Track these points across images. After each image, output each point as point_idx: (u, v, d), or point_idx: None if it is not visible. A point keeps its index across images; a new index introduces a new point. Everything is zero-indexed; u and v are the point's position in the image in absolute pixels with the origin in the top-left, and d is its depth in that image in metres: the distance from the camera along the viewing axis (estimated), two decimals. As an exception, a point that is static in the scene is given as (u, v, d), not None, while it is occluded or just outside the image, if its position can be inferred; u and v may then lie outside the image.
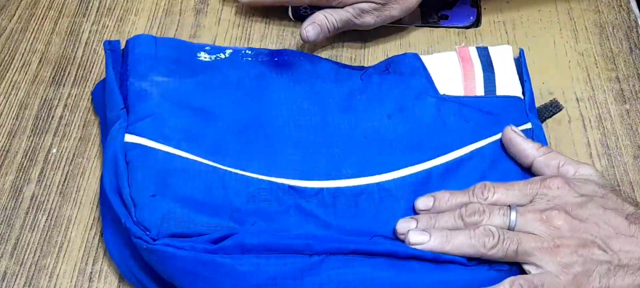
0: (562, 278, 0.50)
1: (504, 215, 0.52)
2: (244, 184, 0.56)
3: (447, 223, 0.53)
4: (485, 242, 0.51)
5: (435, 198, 0.55)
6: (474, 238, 0.51)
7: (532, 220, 0.52)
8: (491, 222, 0.52)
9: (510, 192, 0.54)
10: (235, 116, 0.61)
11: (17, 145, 0.64)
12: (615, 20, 0.76)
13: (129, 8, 0.77)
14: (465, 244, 0.52)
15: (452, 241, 0.52)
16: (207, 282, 0.50)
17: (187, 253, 0.50)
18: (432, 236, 0.52)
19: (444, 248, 0.52)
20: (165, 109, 0.59)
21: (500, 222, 0.52)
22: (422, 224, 0.54)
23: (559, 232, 0.51)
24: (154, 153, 0.56)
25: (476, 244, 0.51)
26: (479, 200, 0.54)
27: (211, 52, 0.66)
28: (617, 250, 0.50)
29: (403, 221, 0.54)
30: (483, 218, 0.53)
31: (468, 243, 0.51)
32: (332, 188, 0.57)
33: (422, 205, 0.56)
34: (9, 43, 0.73)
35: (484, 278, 0.52)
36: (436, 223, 0.53)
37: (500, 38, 0.74)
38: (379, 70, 0.65)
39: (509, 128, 0.59)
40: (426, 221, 0.54)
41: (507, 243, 0.51)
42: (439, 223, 0.53)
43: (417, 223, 0.54)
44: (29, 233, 0.58)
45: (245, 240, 0.50)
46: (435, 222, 0.54)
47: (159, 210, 0.52)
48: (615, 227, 0.51)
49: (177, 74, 0.63)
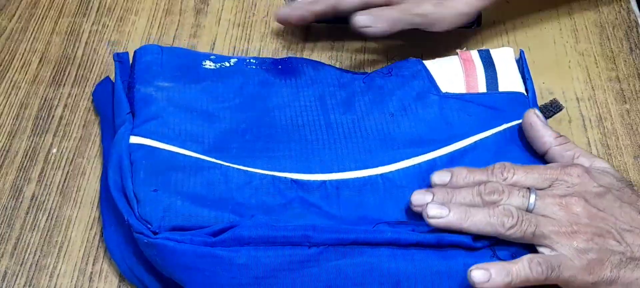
0: (577, 262, 0.50)
1: (523, 197, 0.52)
2: (246, 179, 0.56)
3: (465, 199, 0.53)
4: (504, 222, 0.51)
5: (452, 173, 0.55)
6: (494, 216, 0.51)
7: (551, 204, 0.52)
8: (510, 202, 0.52)
9: (529, 175, 0.54)
10: (238, 118, 0.61)
11: (17, 145, 0.64)
12: (615, 20, 0.76)
13: (129, 8, 0.77)
14: (484, 222, 0.51)
15: (471, 218, 0.51)
16: (206, 275, 0.51)
17: (186, 247, 0.50)
18: (451, 211, 0.52)
19: (462, 225, 0.51)
20: (170, 111, 0.60)
21: (519, 203, 0.52)
22: (439, 198, 0.53)
23: (576, 218, 0.51)
24: (157, 152, 0.57)
25: (495, 223, 0.51)
26: (498, 179, 0.54)
27: (216, 60, 0.66)
28: (630, 243, 0.51)
29: (419, 193, 0.53)
30: (502, 198, 0.52)
31: (487, 221, 0.51)
32: (335, 180, 0.57)
33: (439, 179, 0.55)
34: (9, 43, 0.73)
35: None
36: (453, 199, 0.53)
37: (500, 38, 0.75)
38: (382, 74, 0.65)
39: (532, 111, 0.59)
40: (443, 195, 0.53)
41: (525, 224, 0.51)
42: (457, 198, 0.53)
43: (434, 197, 0.53)
44: (29, 233, 0.58)
45: (243, 232, 0.50)
46: (453, 197, 0.53)
47: (161, 204, 0.53)
48: (630, 220, 0.52)
49: (182, 80, 0.63)
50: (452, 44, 0.74)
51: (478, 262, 0.52)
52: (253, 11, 0.77)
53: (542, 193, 0.53)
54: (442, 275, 0.51)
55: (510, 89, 0.63)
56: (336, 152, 0.59)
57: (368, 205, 0.55)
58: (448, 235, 0.52)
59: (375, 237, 0.51)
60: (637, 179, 0.63)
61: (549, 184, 0.54)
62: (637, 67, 0.72)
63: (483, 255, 0.52)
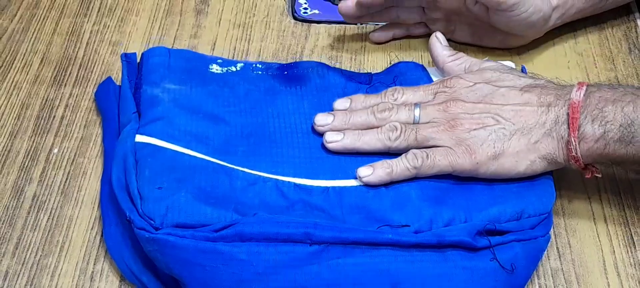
0: (457, 150, 0.57)
1: (409, 111, 0.59)
2: (250, 181, 0.56)
3: (361, 119, 0.60)
4: (390, 136, 0.58)
5: (351, 100, 0.62)
6: (381, 133, 0.59)
7: (433, 111, 0.59)
8: (398, 117, 0.59)
9: (416, 93, 0.61)
10: (243, 123, 0.62)
11: (18, 145, 0.64)
12: (614, 20, 0.76)
13: (129, 8, 0.77)
14: (374, 139, 0.59)
15: (362, 138, 0.59)
16: (206, 270, 0.51)
17: (188, 242, 0.51)
18: (345, 135, 0.59)
19: (355, 145, 0.59)
20: (176, 113, 0.60)
21: (406, 117, 0.59)
22: (338, 120, 0.60)
23: (454, 115, 0.58)
24: (162, 151, 0.57)
25: (383, 138, 0.59)
26: (389, 100, 0.61)
27: (223, 64, 0.67)
28: (510, 118, 0.57)
29: (321, 115, 0.61)
30: (391, 114, 0.60)
31: (376, 138, 0.59)
32: (338, 187, 0.57)
33: (340, 105, 0.62)
34: (10, 43, 0.73)
35: (484, 268, 0.52)
36: (351, 119, 0.60)
37: (500, 38, 0.75)
38: (386, 84, 0.66)
39: (434, 34, 0.67)
40: (342, 116, 0.61)
41: (408, 132, 0.58)
42: (353, 118, 0.60)
43: (334, 119, 0.60)
44: (31, 233, 0.58)
45: (245, 229, 0.51)
46: (350, 118, 0.60)
47: (164, 201, 0.53)
48: (508, 99, 0.58)
49: (189, 83, 0.64)
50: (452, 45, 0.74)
51: (477, 263, 0.52)
52: (253, 11, 0.77)
53: (425, 104, 0.60)
54: (441, 277, 0.52)
55: None
56: (339, 160, 0.59)
57: (371, 210, 0.55)
58: (448, 235, 0.52)
59: (376, 237, 0.52)
60: (636, 178, 0.63)
61: (432, 97, 0.60)
62: (635, 68, 0.72)
63: (483, 256, 0.53)
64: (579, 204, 0.61)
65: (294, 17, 0.76)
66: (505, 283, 0.53)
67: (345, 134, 0.59)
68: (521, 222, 0.55)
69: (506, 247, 0.53)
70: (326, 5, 0.78)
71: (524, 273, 0.54)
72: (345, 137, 0.59)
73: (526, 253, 0.53)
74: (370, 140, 0.59)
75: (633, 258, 0.58)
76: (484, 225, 0.53)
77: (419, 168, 0.57)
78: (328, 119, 0.61)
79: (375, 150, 0.59)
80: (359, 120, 0.60)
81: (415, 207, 0.55)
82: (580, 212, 0.61)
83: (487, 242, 0.53)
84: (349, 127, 0.60)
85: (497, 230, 0.54)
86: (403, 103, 0.61)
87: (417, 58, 0.72)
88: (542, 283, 0.57)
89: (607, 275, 0.57)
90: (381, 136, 0.59)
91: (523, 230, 0.54)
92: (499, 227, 0.54)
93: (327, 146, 0.59)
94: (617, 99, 0.55)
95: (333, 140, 0.59)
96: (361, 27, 0.75)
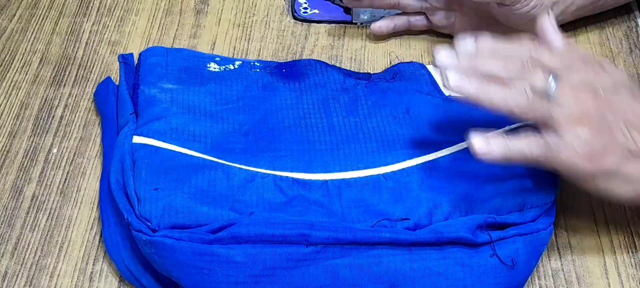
0: (579, 150, 0.51)
1: (544, 80, 0.52)
2: (247, 177, 0.56)
3: (489, 65, 0.53)
4: (519, 102, 0.51)
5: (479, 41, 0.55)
6: (509, 94, 0.52)
7: (567, 93, 0.52)
8: (532, 81, 0.52)
9: (555, 57, 0.54)
10: (241, 120, 0.62)
11: (17, 145, 0.64)
12: (615, 20, 0.76)
13: (129, 8, 0.77)
14: (499, 98, 0.52)
15: (487, 91, 0.52)
16: (203, 273, 0.51)
17: (184, 244, 0.51)
18: (470, 81, 0.52)
19: (478, 96, 0.52)
20: (173, 112, 0.60)
21: (540, 85, 0.52)
22: (464, 62, 0.53)
23: (586, 109, 0.52)
24: (160, 151, 0.57)
25: (510, 101, 0.51)
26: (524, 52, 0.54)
27: (221, 63, 0.66)
28: (636, 139, 0.51)
29: (446, 52, 0.54)
30: (525, 73, 0.53)
31: (502, 97, 0.52)
32: (336, 180, 0.57)
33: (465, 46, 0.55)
34: (9, 43, 0.73)
35: (485, 264, 0.52)
36: (479, 62, 0.53)
37: (500, 38, 0.75)
38: (385, 79, 0.66)
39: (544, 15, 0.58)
40: (469, 60, 0.53)
41: (537, 109, 0.51)
42: (482, 64, 0.53)
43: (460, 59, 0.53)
44: (30, 233, 0.58)
45: (241, 230, 0.51)
46: (477, 63, 0.53)
47: (161, 202, 0.53)
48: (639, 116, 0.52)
49: (186, 82, 0.64)
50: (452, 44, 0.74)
51: (477, 260, 0.52)
52: (253, 11, 0.77)
53: (561, 82, 0.53)
54: (440, 276, 0.52)
55: None
56: (338, 153, 0.59)
57: (370, 203, 0.55)
58: (447, 232, 0.52)
59: (373, 236, 0.51)
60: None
61: (566, 70, 0.53)
62: (636, 67, 0.72)
63: (483, 252, 0.52)
64: (579, 204, 0.61)
65: (294, 16, 0.76)
66: (506, 279, 0.52)
67: (470, 80, 0.52)
68: (523, 213, 0.54)
69: (507, 242, 0.53)
70: (326, 5, 0.77)
71: (525, 269, 0.54)
72: (471, 83, 0.52)
73: (527, 248, 0.53)
74: (495, 97, 0.52)
75: (634, 258, 0.58)
76: (484, 217, 0.53)
77: (536, 159, 0.51)
78: (452, 58, 0.54)
79: (494, 109, 0.52)
80: (487, 66, 0.53)
81: (415, 199, 0.55)
82: (581, 212, 0.61)
83: (488, 237, 0.52)
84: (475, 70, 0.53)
85: (498, 223, 0.53)
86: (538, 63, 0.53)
87: (417, 58, 0.72)
88: (543, 283, 0.57)
89: (607, 276, 0.57)
90: (509, 99, 0.52)
91: (525, 223, 0.54)
92: (500, 219, 0.53)
93: (448, 83, 0.52)
94: None
95: (456, 82, 0.52)
96: (361, 27, 0.75)
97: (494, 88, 0.52)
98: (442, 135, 0.61)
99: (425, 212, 0.54)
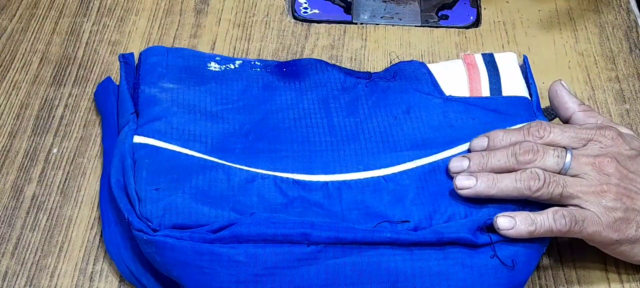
0: (603, 219, 0.52)
1: (558, 157, 0.53)
2: (248, 178, 0.56)
3: (500, 162, 0.54)
4: (531, 185, 0.52)
5: (489, 137, 0.56)
6: (520, 181, 0.52)
7: (585, 163, 0.53)
8: (544, 162, 0.53)
9: (565, 134, 0.55)
10: (242, 120, 0.62)
11: (17, 145, 0.64)
12: (615, 21, 0.76)
13: (129, 8, 0.77)
14: (511, 187, 0.52)
15: (498, 184, 0.53)
16: (204, 272, 0.51)
17: (185, 244, 0.51)
18: (478, 180, 0.53)
19: (489, 192, 0.53)
20: (174, 112, 0.60)
21: (554, 163, 0.53)
22: (475, 163, 0.54)
23: (607, 179, 0.52)
24: (160, 151, 0.57)
25: (521, 187, 0.52)
26: (534, 138, 0.54)
27: (221, 62, 0.66)
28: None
29: (456, 160, 0.55)
30: (536, 158, 0.53)
31: (513, 186, 0.52)
32: (337, 181, 0.57)
33: (478, 144, 0.56)
34: (9, 43, 0.73)
35: (485, 265, 0.52)
36: (489, 162, 0.54)
37: (500, 38, 0.75)
38: (385, 79, 0.66)
39: (558, 81, 0.60)
40: (479, 159, 0.54)
41: (552, 186, 0.52)
42: (491, 162, 0.54)
43: (470, 162, 0.54)
44: (30, 233, 0.58)
45: (242, 230, 0.51)
46: (488, 161, 0.54)
47: (162, 202, 0.53)
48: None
49: (187, 81, 0.64)
50: (451, 44, 0.74)
51: (478, 260, 0.52)
52: (253, 11, 0.77)
53: (577, 153, 0.53)
54: (440, 276, 0.52)
55: (514, 93, 0.63)
56: (339, 154, 0.59)
57: (370, 205, 0.55)
58: (447, 233, 0.52)
59: (374, 236, 0.51)
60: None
61: (583, 144, 0.54)
62: (636, 67, 0.72)
63: (483, 253, 0.52)
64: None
65: (294, 16, 0.76)
66: (507, 280, 0.53)
67: (478, 179, 0.53)
68: None
69: (507, 243, 0.53)
70: (326, 5, 0.77)
71: (526, 269, 0.53)
72: (479, 182, 0.53)
73: (528, 248, 0.53)
74: (506, 187, 0.53)
75: (634, 258, 0.58)
76: (485, 219, 0.53)
77: (562, 233, 0.52)
78: (463, 163, 0.55)
79: (510, 197, 0.53)
80: (498, 164, 0.54)
81: (415, 201, 0.55)
82: (581, 212, 0.61)
83: (488, 239, 0.52)
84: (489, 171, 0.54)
85: None
86: (549, 143, 0.54)
87: (417, 58, 0.72)
88: (543, 283, 0.57)
89: (608, 276, 0.57)
90: (520, 185, 0.52)
91: None
92: None
93: (458, 192, 0.54)
94: None
95: (464, 186, 0.53)
96: (361, 27, 0.75)
97: (503, 178, 0.53)
98: (443, 137, 0.60)
99: (426, 215, 0.54)
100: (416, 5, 0.78)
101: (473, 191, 0.53)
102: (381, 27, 0.75)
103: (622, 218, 0.52)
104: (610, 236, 0.52)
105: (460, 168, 0.55)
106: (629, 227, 0.52)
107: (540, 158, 0.53)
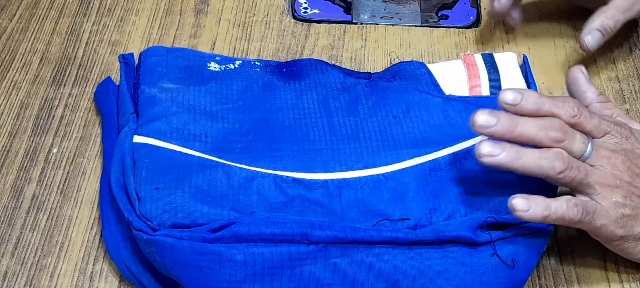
0: (612, 214, 0.52)
1: (583, 144, 0.53)
2: (248, 177, 0.56)
3: (529, 132, 0.52)
4: (555, 166, 0.51)
5: (523, 96, 0.53)
6: (545, 159, 0.51)
7: (602, 156, 0.53)
8: (571, 145, 0.52)
9: (592, 121, 0.54)
10: (241, 119, 0.62)
11: (17, 145, 0.64)
12: (615, 20, 0.76)
13: (129, 8, 0.77)
14: (534, 164, 0.51)
15: (522, 158, 0.51)
16: (204, 272, 0.51)
17: (185, 243, 0.51)
18: (504, 150, 0.51)
19: (512, 165, 0.51)
20: (174, 112, 0.60)
21: (578, 149, 0.52)
22: (502, 124, 0.52)
23: (619, 174, 0.53)
24: (160, 151, 0.57)
25: (546, 166, 0.51)
26: (567, 112, 0.53)
27: (221, 62, 0.66)
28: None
29: (484, 113, 0.52)
30: (566, 139, 0.52)
31: (537, 163, 0.51)
32: (337, 180, 0.57)
33: (510, 98, 0.53)
34: (9, 43, 0.73)
35: (485, 263, 0.52)
36: (517, 129, 0.52)
37: (500, 38, 0.75)
38: (385, 79, 0.66)
39: (578, 67, 0.60)
40: (508, 122, 0.52)
41: (574, 172, 0.51)
42: (521, 129, 0.52)
43: (498, 122, 0.52)
44: (30, 233, 0.58)
45: (241, 229, 0.51)
46: (517, 127, 0.52)
47: (161, 201, 0.53)
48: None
49: (186, 81, 0.64)
50: (451, 44, 0.74)
51: (478, 259, 0.52)
52: (253, 11, 0.77)
53: (597, 144, 0.53)
54: (440, 275, 0.52)
55: None
56: (339, 153, 0.59)
57: (370, 203, 0.55)
58: (448, 231, 0.52)
59: (374, 235, 0.51)
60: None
61: (602, 135, 0.54)
62: (636, 67, 0.72)
63: (483, 251, 0.52)
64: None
65: (294, 16, 0.76)
66: (507, 279, 0.53)
67: (504, 149, 0.51)
68: None
69: (507, 242, 0.53)
70: (326, 5, 0.77)
71: (526, 268, 0.54)
72: (504, 153, 0.51)
73: (528, 248, 0.53)
74: (530, 162, 0.51)
75: (634, 258, 0.58)
76: (485, 217, 0.53)
77: (573, 222, 0.51)
78: (491, 119, 0.52)
79: (531, 174, 0.52)
80: (526, 133, 0.52)
81: (415, 199, 0.55)
82: (581, 212, 0.61)
83: (488, 237, 0.52)
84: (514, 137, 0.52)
85: (499, 222, 0.53)
86: (577, 124, 0.53)
87: (417, 57, 0.72)
88: (543, 283, 0.57)
89: (607, 275, 0.57)
90: (545, 162, 0.51)
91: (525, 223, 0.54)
92: (500, 219, 0.53)
93: (480, 159, 0.51)
94: None
95: (488, 154, 0.51)
96: (361, 27, 0.75)
97: (527, 153, 0.52)
98: (443, 135, 0.61)
99: (426, 213, 0.54)
100: (416, 5, 0.78)
101: (496, 160, 0.51)
102: (381, 27, 0.75)
103: (630, 216, 0.52)
104: (617, 232, 0.52)
105: (488, 123, 0.52)
106: (636, 225, 0.53)
107: (569, 140, 0.52)
